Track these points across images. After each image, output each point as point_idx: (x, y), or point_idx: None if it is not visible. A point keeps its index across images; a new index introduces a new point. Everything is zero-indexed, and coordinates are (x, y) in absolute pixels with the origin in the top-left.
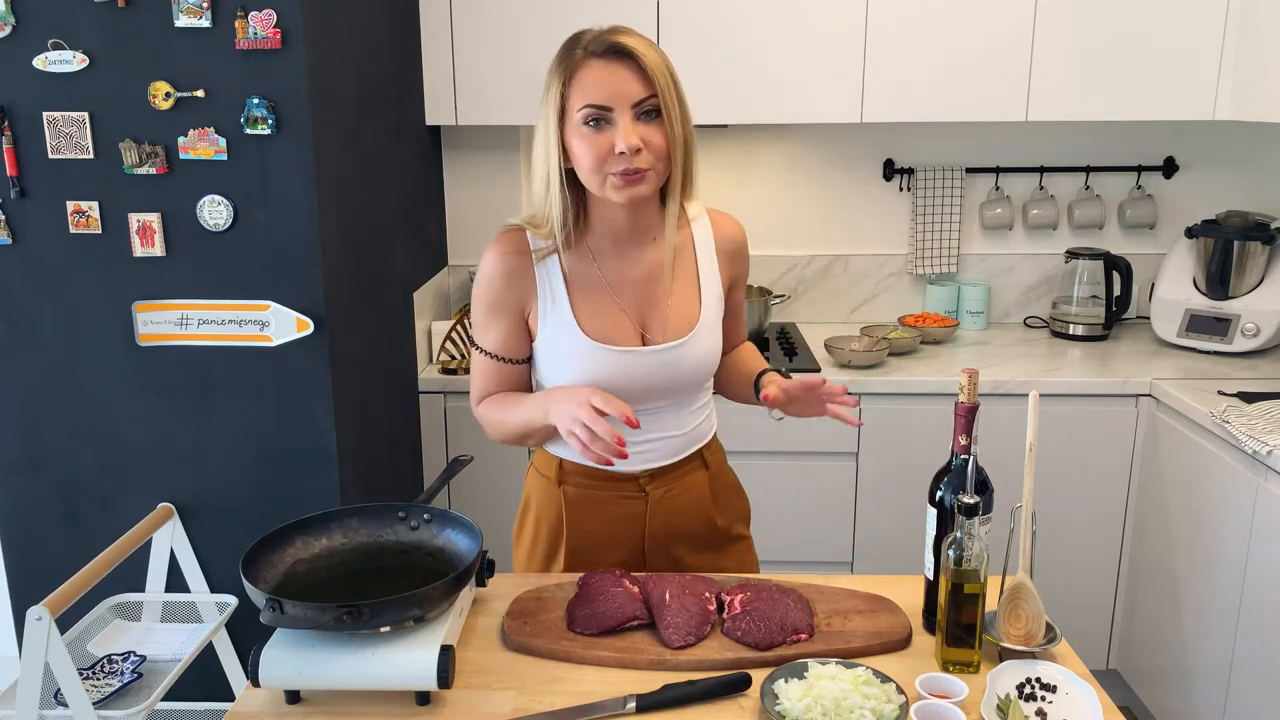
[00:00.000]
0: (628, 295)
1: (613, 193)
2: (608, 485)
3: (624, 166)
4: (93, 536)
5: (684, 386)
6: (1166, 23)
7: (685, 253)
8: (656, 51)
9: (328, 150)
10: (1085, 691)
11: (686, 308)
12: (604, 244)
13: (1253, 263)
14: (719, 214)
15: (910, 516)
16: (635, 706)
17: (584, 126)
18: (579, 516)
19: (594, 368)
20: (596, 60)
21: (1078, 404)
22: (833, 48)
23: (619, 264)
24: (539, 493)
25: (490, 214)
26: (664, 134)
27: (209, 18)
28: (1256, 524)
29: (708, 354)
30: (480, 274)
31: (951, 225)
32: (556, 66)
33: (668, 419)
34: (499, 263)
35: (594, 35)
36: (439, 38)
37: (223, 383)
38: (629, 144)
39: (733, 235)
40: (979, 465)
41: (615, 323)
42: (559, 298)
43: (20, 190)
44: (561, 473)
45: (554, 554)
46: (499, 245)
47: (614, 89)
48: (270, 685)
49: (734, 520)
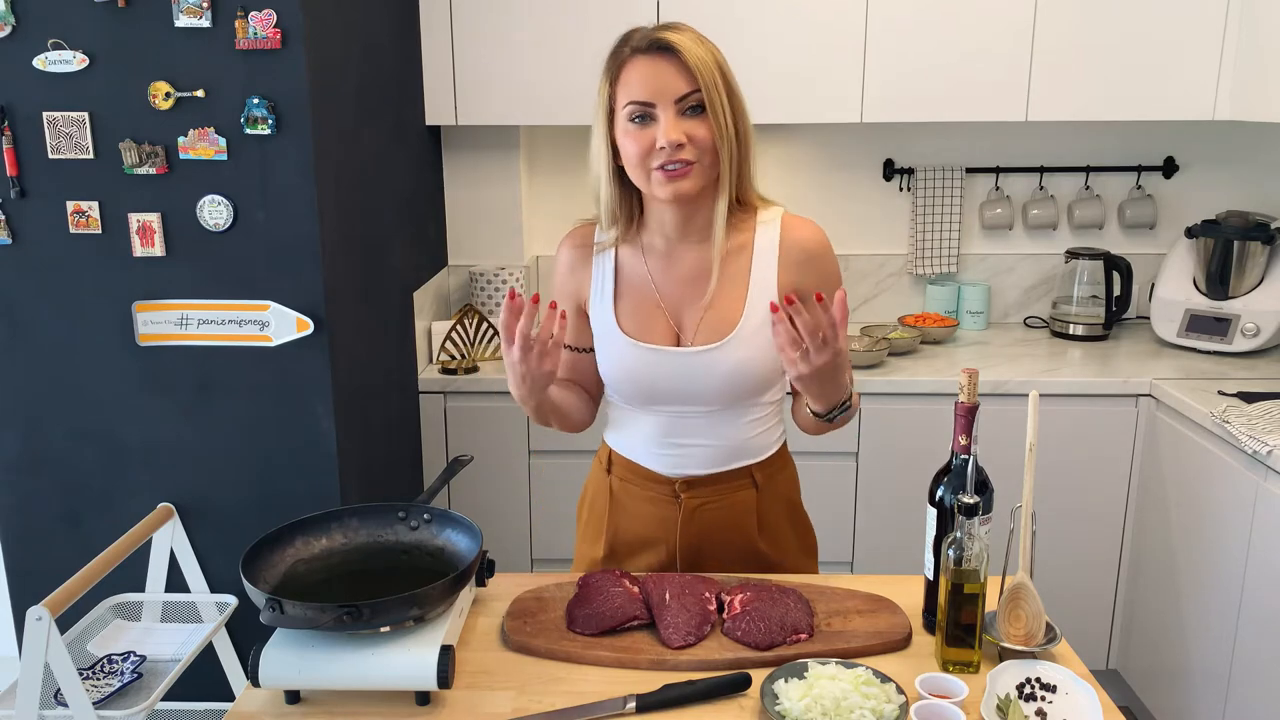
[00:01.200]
0: (669, 293)
1: (657, 188)
2: (645, 484)
3: (664, 160)
4: (93, 536)
5: (721, 393)
6: (1166, 23)
7: (742, 256)
8: (704, 46)
9: (328, 150)
10: (1085, 691)
11: (728, 312)
12: (655, 241)
13: (1253, 263)
14: (796, 220)
15: (910, 516)
16: (635, 706)
17: (629, 123)
18: (620, 508)
19: (626, 363)
20: (641, 57)
21: (1078, 404)
22: (833, 47)
23: (666, 262)
24: (595, 478)
25: (490, 214)
26: (709, 128)
27: (209, 18)
28: (1256, 524)
29: (746, 362)
30: (555, 266)
31: (951, 225)
32: (606, 65)
33: (705, 425)
34: (564, 254)
35: (643, 33)
36: (439, 38)
37: (223, 383)
38: (669, 139)
39: (802, 242)
40: (979, 465)
41: (651, 320)
42: (606, 291)
43: (20, 190)
44: (610, 462)
45: (599, 538)
46: (569, 238)
47: (657, 85)
48: (270, 685)
49: (788, 554)
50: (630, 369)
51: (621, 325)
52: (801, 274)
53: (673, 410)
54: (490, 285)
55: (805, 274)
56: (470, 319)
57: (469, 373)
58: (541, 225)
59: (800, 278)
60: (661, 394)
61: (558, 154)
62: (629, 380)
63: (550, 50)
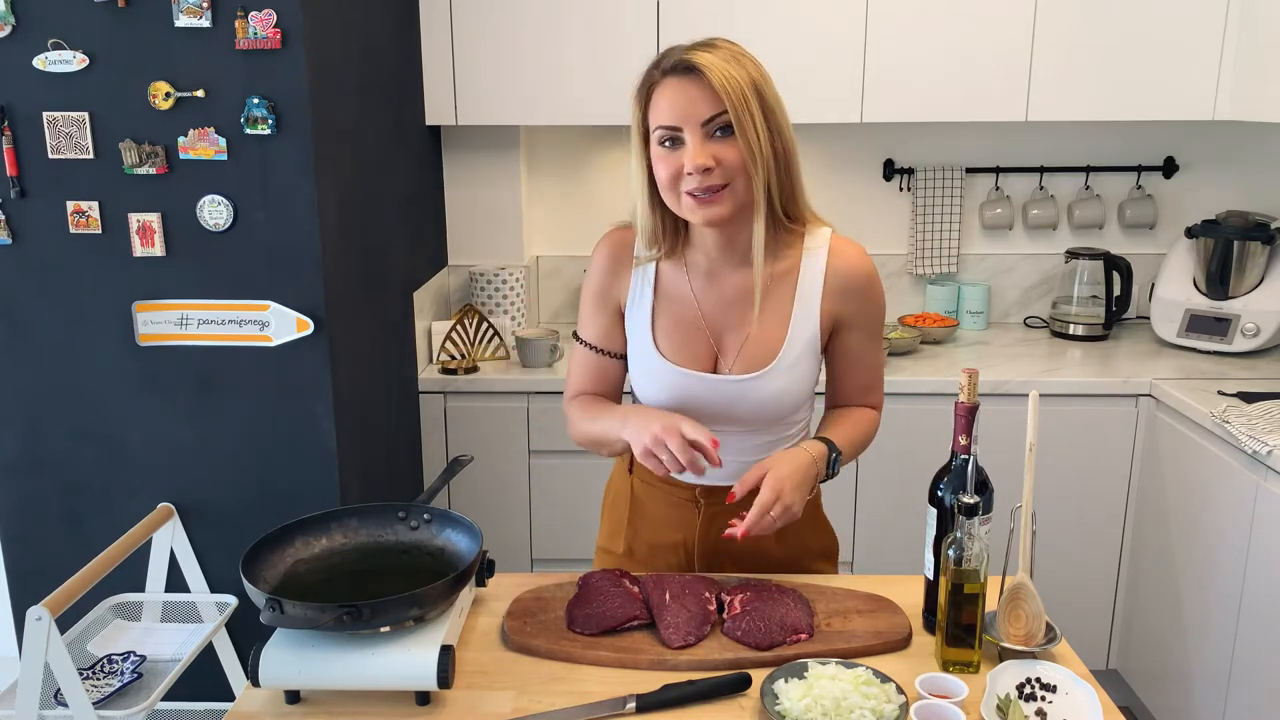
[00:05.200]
0: (712, 316)
1: (689, 214)
2: (666, 488)
3: (693, 186)
4: (93, 536)
5: (755, 419)
6: (1166, 23)
7: (787, 281)
8: (736, 65)
9: (328, 150)
10: (1085, 691)
11: (769, 341)
12: (699, 259)
13: (1253, 263)
14: (844, 244)
15: (910, 516)
16: (635, 706)
17: (659, 147)
18: (641, 509)
19: (663, 384)
20: (670, 79)
21: (1078, 404)
22: (833, 48)
23: (709, 283)
24: (617, 476)
25: (490, 214)
26: (738, 150)
27: (209, 18)
28: (1256, 524)
29: (783, 393)
30: (590, 265)
31: (951, 225)
32: (638, 88)
33: (734, 442)
34: (606, 255)
35: (674, 53)
36: (439, 38)
37: (223, 383)
38: (696, 164)
39: (845, 271)
40: (979, 465)
41: (690, 342)
42: (644, 304)
43: (20, 190)
44: (632, 462)
45: (618, 534)
46: (608, 239)
47: (682, 109)
48: (270, 685)
49: (804, 554)
50: (666, 391)
51: (659, 344)
52: (842, 303)
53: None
54: (490, 285)
55: (844, 303)
56: (470, 319)
57: (469, 373)
58: (541, 225)
59: (842, 307)
60: (694, 415)
61: (558, 154)
62: (660, 398)
63: (550, 50)
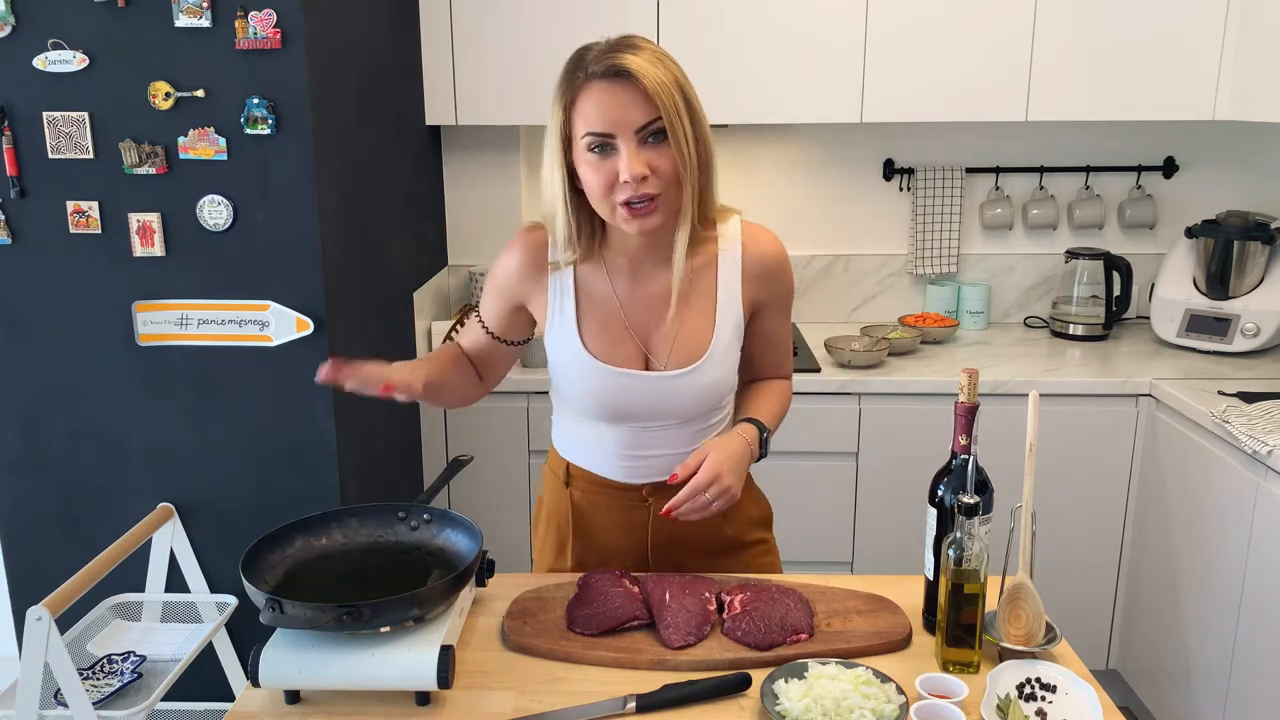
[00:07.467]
0: (637, 316)
1: (624, 224)
2: (611, 493)
3: (629, 195)
4: (93, 536)
5: (688, 412)
6: (1166, 23)
7: (707, 274)
8: (663, 67)
9: (328, 150)
10: (1085, 691)
11: (697, 335)
12: (619, 261)
13: (1253, 263)
14: (755, 230)
15: (910, 516)
16: (635, 706)
17: (590, 154)
18: (585, 519)
19: (595, 385)
20: (597, 83)
21: (1078, 404)
22: (832, 48)
23: (632, 283)
24: (551, 490)
25: (490, 214)
26: (671, 158)
27: (209, 18)
28: (1256, 524)
29: (715, 384)
30: (498, 260)
31: (951, 225)
32: (559, 90)
33: (669, 437)
34: (520, 258)
35: (597, 53)
36: (439, 38)
37: (223, 383)
38: (633, 173)
39: (762, 256)
40: (979, 465)
41: (619, 343)
42: (567, 311)
43: (20, 190)
44: (569, 475)
45: (563, 550)
46: (523, 240)
47: (615, 115)
48: (270, 685)
49: (746, 527)
50: (599, 392)
51: (588, 346)
52: (760, 288)
53: (639, 425)
54: None
55: (762, 288)
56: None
57: None
58: None
59: (761, 291)
60: (630, 413)
61: None
62: (597, 401)
63: (550, 50)
